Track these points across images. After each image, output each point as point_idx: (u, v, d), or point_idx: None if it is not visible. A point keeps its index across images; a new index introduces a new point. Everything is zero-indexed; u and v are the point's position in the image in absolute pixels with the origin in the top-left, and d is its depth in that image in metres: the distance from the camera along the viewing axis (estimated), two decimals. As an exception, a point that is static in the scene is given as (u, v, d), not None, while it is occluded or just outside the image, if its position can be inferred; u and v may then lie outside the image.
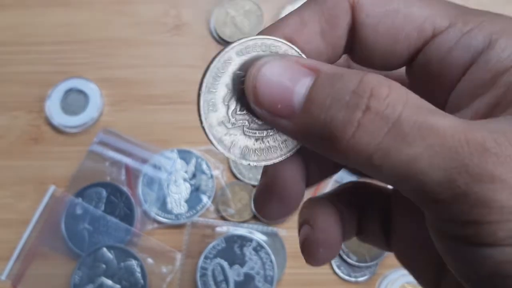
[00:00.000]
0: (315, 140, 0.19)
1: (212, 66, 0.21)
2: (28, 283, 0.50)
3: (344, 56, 0.23)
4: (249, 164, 0.21)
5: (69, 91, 0.58)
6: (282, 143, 0.21)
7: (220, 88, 0.21)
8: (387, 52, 0.21)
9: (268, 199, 0.23)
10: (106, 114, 0.58)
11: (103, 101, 0.58)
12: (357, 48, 0.22)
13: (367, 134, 0.17)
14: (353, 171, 0.26)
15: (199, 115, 0.20)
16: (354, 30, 0.21)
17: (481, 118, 0.19)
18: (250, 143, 0.21)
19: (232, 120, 0.21)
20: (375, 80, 0.18)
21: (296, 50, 0.21)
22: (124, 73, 0.60)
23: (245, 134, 0.21)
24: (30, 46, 0.61)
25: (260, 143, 0.21)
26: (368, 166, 0.18)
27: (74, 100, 0.58)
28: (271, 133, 0.21)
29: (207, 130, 0.21)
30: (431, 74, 0.21)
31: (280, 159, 0.21)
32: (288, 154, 0.21)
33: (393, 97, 0.17)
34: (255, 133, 0.21)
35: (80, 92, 0.58)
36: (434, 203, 0.17)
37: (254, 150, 0.21)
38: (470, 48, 0.20)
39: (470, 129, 0.17)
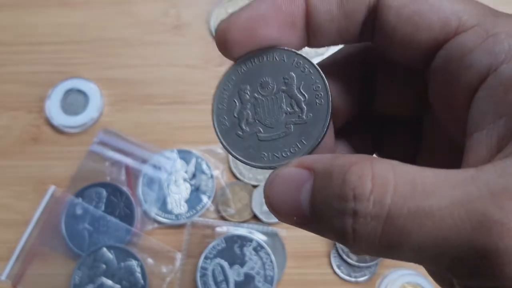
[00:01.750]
0: (333, 239, 0.18)
1: (219, 84, 0.22)
2: (28, 283, 0.50)
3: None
4: (275, 167, 0.21)
5: (69, 91, 0.58)
6: (297, 143, 0.21)
7: (229, 103, 0.22)
8: (406, 40, 0.20)
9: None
10: (106, 114, 0.58)
11: (103, 101, 0.58)
12: (377, 32, 0.20)
13: (365, 238, 0.17)
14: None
15: (216, 134, 0.21)
16: (376, 11, 0.20)
17: (506, 146, 0.17)
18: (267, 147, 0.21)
19: (246, 129, 0.21)
20: (356, 177, 0.17)
21: (296, 53, 0.21)
22: (124, 73, 0.59)
23: (260, 140, 0.21)
24: (30, 46, 0.61)
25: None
26: (386, 257, 0.17)
27: (74, 100, 0.57)
28: (283, 135, 0.21)
29: (226, 146, 0.21)
30: (450, 75, 0.19)
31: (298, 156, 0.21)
32: (302, 154, 0.21)
33: (378, 191, 0.16)
34: (271, 136, 0.21)
35: (80, 92, 0.58)
36: (455, 277, 0.17)
37: (273, 153, 0.21)
38: (492, 54, 0.18)
39: (468, 198, 0.15)
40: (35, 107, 0.58)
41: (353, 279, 0.52)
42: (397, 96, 0.24)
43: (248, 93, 0.22)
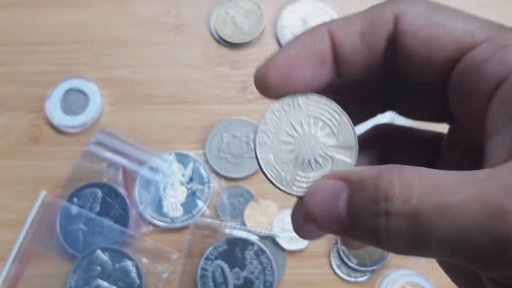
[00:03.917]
0: (368, 243, 0.20)
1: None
2: (25, 284, 0.49)
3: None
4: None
5: (69, 91, 0.56)
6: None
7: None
8: (424, 61, 0.21)
9: None
10: (106, 114, 0.56)
11: (103, 101, 0.56)
12: (398, 57, 0.22)
13: (396, 235, 0.18)
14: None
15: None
16: (396, 38, 0.22)
17: None
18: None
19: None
20: (386, 181, 0.18)
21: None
22: (124, 73, 0.58)
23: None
24: (30, 46, 0.59)
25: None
26: (417, 254, 0.18)
27: (74, 100, 0.56)
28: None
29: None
30: (467, 85, 0.21)
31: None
32: None
33: (405, 191, 0.18)
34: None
35: (80, 92, 0.56)
36: (482, 270, 0.18)
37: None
38: (504, 63, 0.19)
39: (485, 193, 0.17)
40: (35, 107, 0.56)
41: (353, 279, 0.50)
42: (418, 110, 0.26)
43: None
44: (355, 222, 0.19)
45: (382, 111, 0.27)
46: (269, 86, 0.23)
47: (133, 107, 0.56)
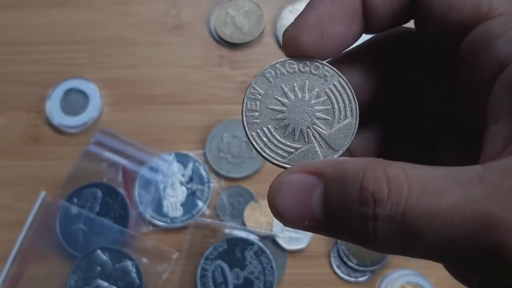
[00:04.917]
0: (348, 241, 0.18)
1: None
2: (25, 284, 0.49)
3: None
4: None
5: (69, 91, 0.56)
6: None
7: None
8: (439, 20, 0.20)
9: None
10: (106, 114, 0.56)
11: (103, 101, 0.56)
12: (417, 13, 0.21)
13: (384, 239, 0.17)
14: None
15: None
16: None
17: None
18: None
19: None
20: (373, 183, 0.17)
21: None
22: (124, 73, 0.57)
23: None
24: (30, 46, 0.59)
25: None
26: (405, 255, 0.17)
27: (74, 100, 0.56)
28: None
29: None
30: (474, 62, 0.19)
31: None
32: None
33: (394, 194, 0.16)
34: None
35: (80, 92, 0.56)
36: (470, 274, 0.17)
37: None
38: None
39: (474, 198, 0.16)
40: (35, 107, 0.56)
41: (353, 279, 0.50)
42: (425, 90, 0.23)
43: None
44: (335, 221, 0.18)
45: (386, 89, 0.23)
46: (302, 49, 0.20)
47: (133, 107, 0.56)
